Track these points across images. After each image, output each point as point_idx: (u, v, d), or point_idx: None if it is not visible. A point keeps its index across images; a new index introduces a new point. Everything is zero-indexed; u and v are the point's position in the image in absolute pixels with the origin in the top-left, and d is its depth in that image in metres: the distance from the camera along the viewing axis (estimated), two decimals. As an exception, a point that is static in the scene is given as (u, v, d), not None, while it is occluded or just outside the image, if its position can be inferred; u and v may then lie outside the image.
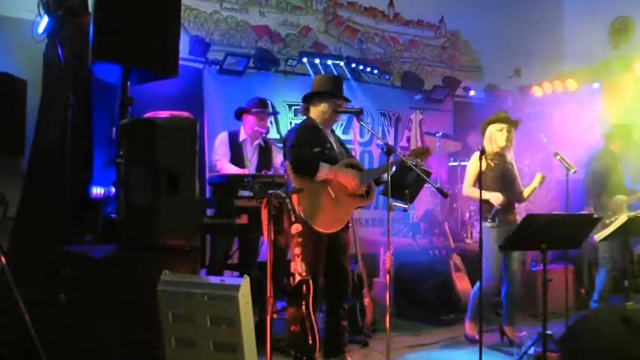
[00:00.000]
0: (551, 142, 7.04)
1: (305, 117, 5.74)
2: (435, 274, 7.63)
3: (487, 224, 6.30)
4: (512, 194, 6.40)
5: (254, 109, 6.81)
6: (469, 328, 6.64)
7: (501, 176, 6.35)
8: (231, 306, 3.76)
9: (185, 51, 7.93)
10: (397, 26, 11.17)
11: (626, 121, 7.76)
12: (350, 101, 6.07)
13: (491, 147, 6.45)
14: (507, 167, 6.42)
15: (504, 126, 6.41)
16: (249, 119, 6.83)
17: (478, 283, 6.54)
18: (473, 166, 6.50)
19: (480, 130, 6.67)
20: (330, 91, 5.63)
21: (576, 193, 7.27)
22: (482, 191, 6.01)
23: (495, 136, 6.42)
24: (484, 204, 6.04)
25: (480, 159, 5.72)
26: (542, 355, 5.30)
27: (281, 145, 6.22)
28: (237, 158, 6.81)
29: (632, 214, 6.65)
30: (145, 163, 4.32)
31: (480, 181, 5.95)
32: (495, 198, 6.22)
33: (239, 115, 6.90)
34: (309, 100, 5.70)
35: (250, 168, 6.80)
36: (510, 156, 6.50)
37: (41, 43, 6.01)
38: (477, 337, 6.34)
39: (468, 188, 6.52)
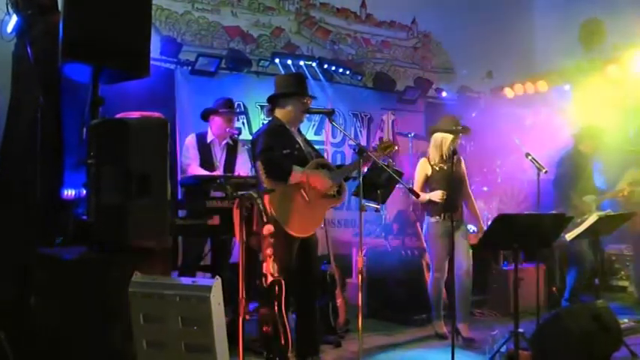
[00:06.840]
0: (523, 143, 7.09)
1: (270, 117, 5.74)
2: (407, 275, 7.65)
3: (432, 219, 6.59)
4: (459, 194, 6.67)
5: (221, 110, 6.76)
6: (437, 326, 6.80)
7: (447, 179, 6.49)
8: (203, 307, 3.74)
9: (156, 51, 7.88)
10: (369, 27, 11.18)
11: (597, 123, 7.84)
12: (315, 98, 6.07)
13: (439, 152, 6.65)
14: (453, 169, 6.49)
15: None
16: (217, 120, 6.77)
17: (430, 280, 6.67)
18: (421, 171, 6.73)
19: (427, 134, 6.84)
20: (295, 90, 5.64)
21: (547, 193, 7.33)
22: (424, 193, 6.54)
23: (446, 140, 6.58)
24: (432, 204, 6.53)
25: (457, 160, 5.76)
26: (514, 353, 5.35)
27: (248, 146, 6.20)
28: (206, 159, 6.76)
29: (602, 213, 6.70)
30: (116, 164, 4.28)
31: (455, 183, 6.00)
32: (435, 195, 6.49)
33: (206, 116, 6.85)
34: (274, 101, 5.70)
35: (220, 168, 6.76)
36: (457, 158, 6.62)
37: (10, 43, 5.93)
38: (447, 333, 6.49)
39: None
